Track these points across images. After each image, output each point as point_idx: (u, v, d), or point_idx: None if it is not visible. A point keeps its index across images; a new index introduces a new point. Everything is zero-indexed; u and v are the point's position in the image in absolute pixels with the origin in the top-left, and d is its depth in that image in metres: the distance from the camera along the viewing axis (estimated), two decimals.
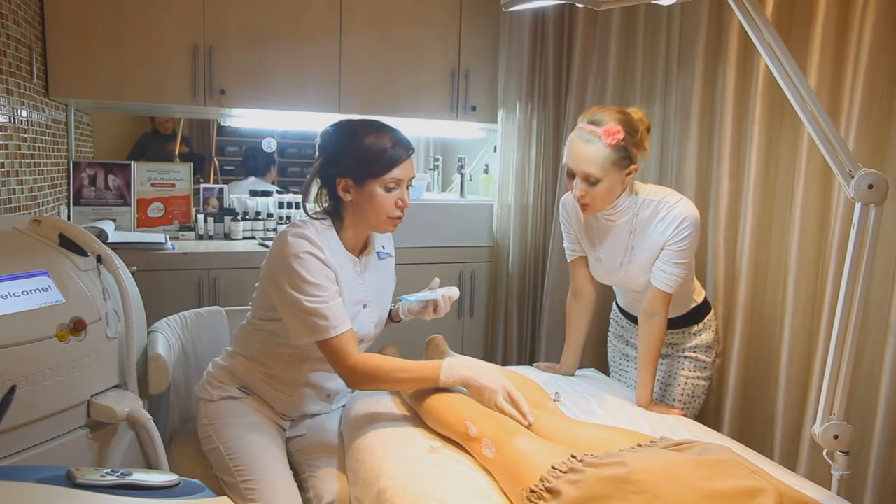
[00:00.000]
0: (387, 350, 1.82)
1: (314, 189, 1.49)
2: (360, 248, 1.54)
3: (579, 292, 1.89)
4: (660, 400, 1.85)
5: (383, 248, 1.62)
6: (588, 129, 1.58)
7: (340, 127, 1.46)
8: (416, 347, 1.83)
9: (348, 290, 1.46)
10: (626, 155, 1.58)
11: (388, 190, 1.42)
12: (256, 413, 1.52)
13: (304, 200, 1.50)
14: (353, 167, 1.41)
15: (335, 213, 1.48)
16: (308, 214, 1.47)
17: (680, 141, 2.23)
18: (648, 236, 1.68)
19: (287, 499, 1.37)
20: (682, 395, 1.85)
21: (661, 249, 1.66)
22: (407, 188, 1.46)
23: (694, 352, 1.86)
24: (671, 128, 2.33)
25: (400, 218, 1.47)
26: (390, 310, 1.70)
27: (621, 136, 1.55)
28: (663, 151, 2.39)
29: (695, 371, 1.85)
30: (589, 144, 1.57)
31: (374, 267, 1.57)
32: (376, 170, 1.40)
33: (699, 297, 1.88)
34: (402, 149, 1.42)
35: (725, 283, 2.08)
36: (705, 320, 1.88)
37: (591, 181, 1.58)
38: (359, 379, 1.39)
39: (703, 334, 1.87)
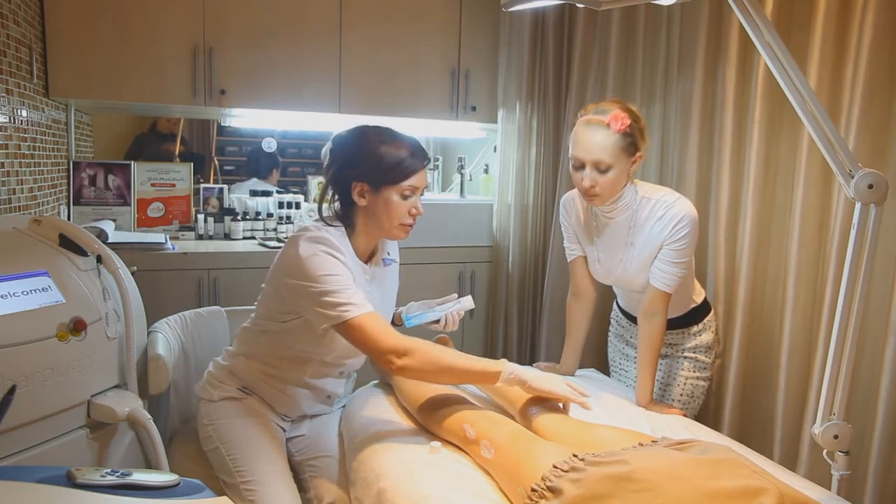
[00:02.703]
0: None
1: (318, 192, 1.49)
2: (369, 256, 1.54)
3: (579, 291, 1.89)
4: (659, 400, 1.85)
5: (388, 254, 1.62)
6: (595, 119, 1.60)
7: (358, 132, 1.46)
8: None
9: None
10: (632, 141, 1.60)
11: (405, 197, 1.43)
12: (257, 413, 1.52)
13: (321, 205, 1.50)
14: (371, 172, 1.41)
15: (346, 218, 1.48)
16: (322, 219, 1.47)
17: (680, 141, 2.23)
18: (647, 234, 1.68)
19: (287, 499, 1.37)
20: (682, 395, 1.85)
21: (660, 248, 1.67)
22: (421, 196, 1.48)
23: (693, 352, 1.86)
24: (671, 127, 2.33)
25: (412, 225, 1.48)
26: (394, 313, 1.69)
27: (628, 121, 1.58)
28: (663, 151, 2.39)
29: (694, 371, 1.85)
30: (597, 132, 1.59)
31: (381, 274, 1.57)
32: (394, 176, 1.41)
33: (699, 297, 1.88)
34: (419, 158, 1.44)
35: (725, 283, 2.08)
36: (705, 321, 1.88)
37: (601, 169, 1.60)
38: (402, 357, 1.29)
39: (703, 335, 1.87)
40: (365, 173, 1.42)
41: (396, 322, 1.68)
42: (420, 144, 1.47)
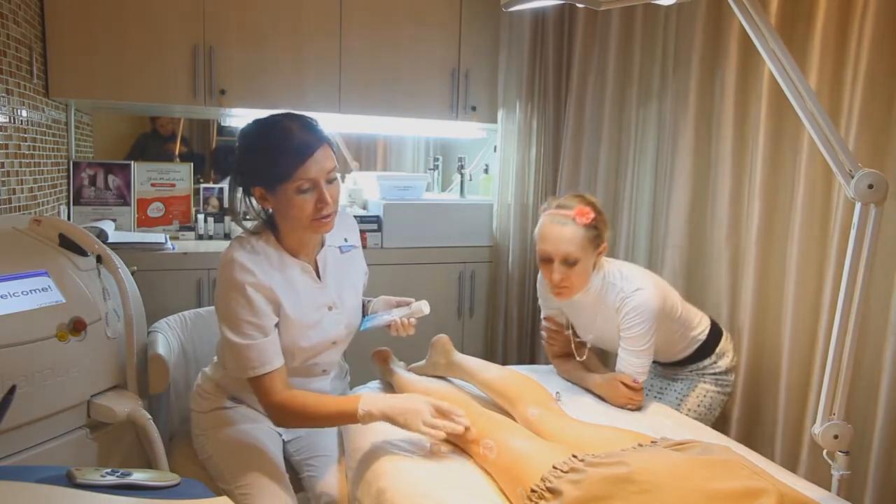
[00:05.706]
0: (383, 352, 1.80)
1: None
2: (316, 247, 1.46)
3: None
4: (675, 407, 1.83)
5: (346, 240, 1.53)
6: (560, 214, 1.62)
7: (241, 133, 1.36)
8: (417, 348, 1.83)
9: (306, 297, 1.40)
10: (597, 234, 1.63)
11: (303, 191, 1.29)
12: (249, 420, 1.50)
13: (234, 217, 1.42)
14: (260, 174, 1.32)
15: (270, 221, 1.41)
16: (245, 230, 1.40)
17: (677, 140, 2.23)
18: (611, 319, 1.69)
19: None
20: (700, 406, 1.83)
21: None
22: (331, 182, 1.33)
23: (714, 374, 1.85)
24: (670, 127, 2.32)
25: (329, 216, 1.33)
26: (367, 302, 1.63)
27: (592, 215, 1.61)
28: (660, 151, 2.38)
29: (716, 386, 1.84)
30: (564, 227, 1.61)
31: (336, 263, 1.49)
32: (282, 173, 1.28)
33: (702, 332, 1.81)
34: (306, 143, 1.28)
35: (726, 283, 2.08)
36: (717, 350, 1.83)
37: (569, 262, 1.60)
38: (282, 416, 1.34)
39: (721, 361, 1.83)
40: (256, 177, 1.33)
41: (364, 312, 1.61)
42: (311, 125, 1.32)
